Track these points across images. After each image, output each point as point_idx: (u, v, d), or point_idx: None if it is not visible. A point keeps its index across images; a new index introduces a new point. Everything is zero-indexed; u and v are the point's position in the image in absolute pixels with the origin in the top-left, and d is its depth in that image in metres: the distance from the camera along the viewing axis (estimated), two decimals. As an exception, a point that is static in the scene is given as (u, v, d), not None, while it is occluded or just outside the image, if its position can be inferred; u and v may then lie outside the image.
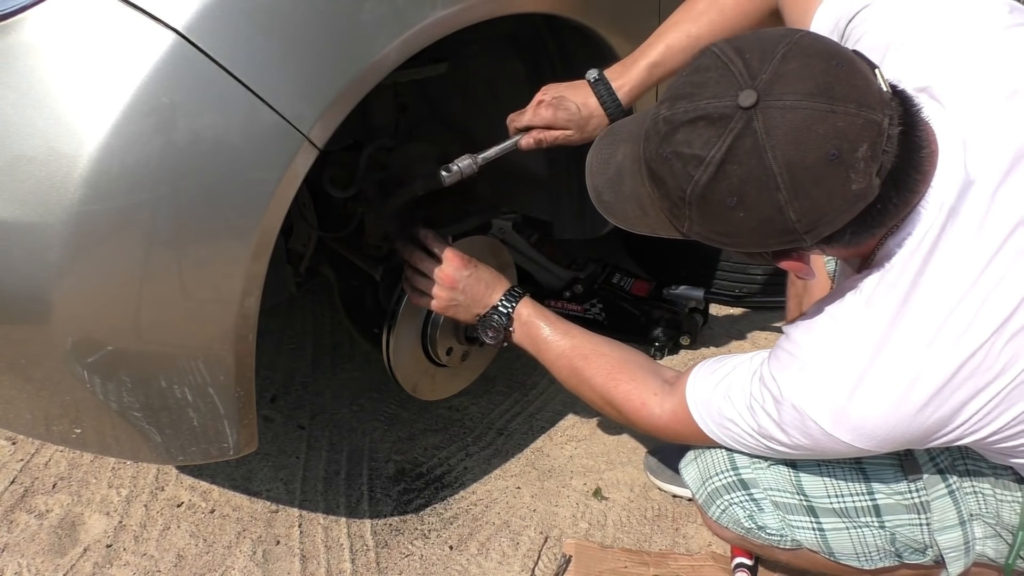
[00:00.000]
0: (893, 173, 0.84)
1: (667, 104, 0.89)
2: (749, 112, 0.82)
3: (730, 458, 1.20)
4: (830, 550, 1.18)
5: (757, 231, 0.87)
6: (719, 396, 1.09)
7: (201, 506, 1.63)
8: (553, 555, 1.54)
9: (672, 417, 1.16)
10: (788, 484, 1.18)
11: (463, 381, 1.65)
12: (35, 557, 1.50)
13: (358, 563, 1.52)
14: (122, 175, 0.90)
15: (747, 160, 0.82)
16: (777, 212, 0.84)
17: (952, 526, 1.13)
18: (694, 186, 0.86)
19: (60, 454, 1.73)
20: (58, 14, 0.90)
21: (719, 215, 0.87)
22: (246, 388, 1.11)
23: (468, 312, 1.34)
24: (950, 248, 0.90)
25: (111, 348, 1.02)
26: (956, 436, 0.95)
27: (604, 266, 2.05)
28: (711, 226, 0.90)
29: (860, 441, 0.96)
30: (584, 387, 1.27)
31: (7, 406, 1.17)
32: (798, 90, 0.81)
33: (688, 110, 0.86)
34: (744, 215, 0.85)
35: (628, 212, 1.01)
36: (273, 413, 1.86)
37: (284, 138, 0.96)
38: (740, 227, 0.87)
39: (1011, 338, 0.89)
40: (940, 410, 0.92)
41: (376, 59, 1.02)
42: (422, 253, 1.34)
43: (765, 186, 0.83)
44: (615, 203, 1.03)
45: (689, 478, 1.25)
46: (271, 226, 1.00)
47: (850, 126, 0.81)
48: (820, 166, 0.81)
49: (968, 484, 1.12)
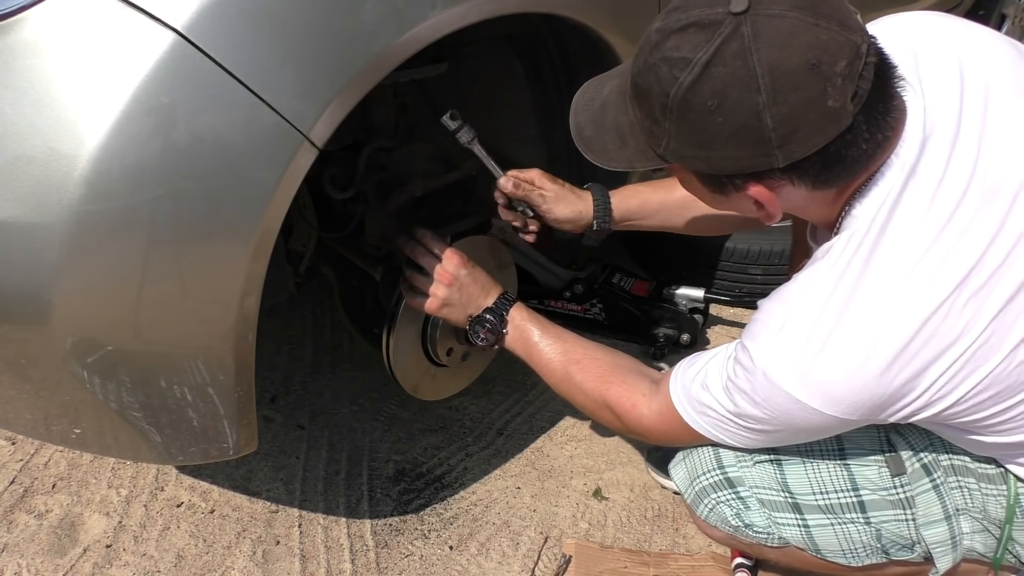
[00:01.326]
0: (867, 105, 0.87)
1: (660, 17, 0.92)
2: (739, 18, 0.85)
3: (716, 457, 1.21)
4: (816, 547, 1.18)
5: (733, 140, 0.88)
6: (698, 384, 1.10)
7: (201, 506, 1.62)
8: (553, 555, 1.54)
9: (659, 415, 1.17)
10: (773, 481, 1.19)
11: (463, 381, 1.65)
12: (35, 557, 1.50)
13: (358, 563, 1.52)
14: (122, 175, 0.90)
15: (732, 61, 0.85)
16: (755, 117, 0.86)
17: (938, 521, 1.14)
18: (678, 88, 0.88)
19: (60, 454, 1.73)
20: (58, 14, 0.90)
21: (698, 122, 0.89)
22: (246, 388, 1.11)
23: (462, 313, 1.34)
24: (909, 208, 0.92)
25: (111, 348, 1.02)
26: (923, 403, 0.96)
27: (604, 266, 2.05)
28: (688, 137, 0.91)
29: (829, 407, 0.97)
30: (576, 391, 1.28)
31: (7, 406, 1.16)
32: (787, 2, 0.85)
33: (680, 19, 0.89)
34: (722, 120, 0.87)
35: (607, 144, 1.03)
36: (273, 413, 1.86)
37: (284, 138, 0.96)
38: (717, 135, 0.89)
39: (970, 298, 0.91)
40: (903, 372, 0.93)
41: (376, 59, 1.02)
42: (422, 250, 1.34)
43: (746, 87, 0.85)
44: (595, 137, 1.05)
45: (678, 478, 1.27)
46: (271, 226, 1.00)
47: (832, 41, 0.84)
48: (800, 72, 0.84)
49: (953, 479, 1.13)
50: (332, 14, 0.97)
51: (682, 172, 1.02)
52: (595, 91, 1.08)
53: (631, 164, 1.01)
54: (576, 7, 1.26)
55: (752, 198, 0.95)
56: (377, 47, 1.01)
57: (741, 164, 0.91)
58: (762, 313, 1.03)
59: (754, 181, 0.93)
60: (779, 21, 0.84)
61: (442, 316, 1.37)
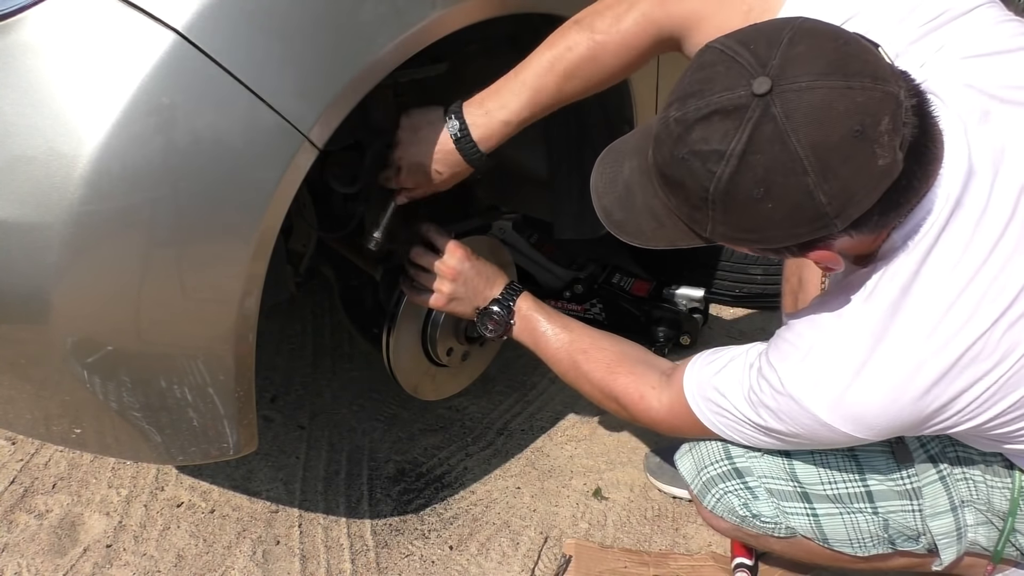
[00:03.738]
0: (914, 146, 0.83)
1: (676, 105, 0.86)
2: (765, 99, 0.79)
3: (724, 448, 1.21)
4: (824, 536, 1.19)
5: (786, 221, 0.84)
6: (716, 387, 1.09)
7: (201, 506, 1.62)
8: (553, 555, 1.54)
9: (670, 410, 1.17)
10: (782, 472, 1.19)
11: (463, 381, 1.65)
12: (35, 557, 1.50)
13: (358, 563, 1.52)
14: (122, 175, 0.90)
15: (770, 147, 0.80)
16: (807, 197, 0.81)
17: (944, 512, 1.14)
18: (716, 183, 0.83)
19: (60, 454, 1.73)
20: (58, 14, 0.90)
21: (745, 210, 0.84)
22: (246, 388, 1.11)
23: (468, 305, 1.34)
24: (952, 239, 0.90)
25: (111, 348, 1.02)
26: (952, 423, 0.96)
27: (604, 266, 2.05)
28: (737, 223, 0.87)
29: (859, 431, 0.97)
30: (583, 381, 1.27)
31: (7, 406, 1.16)
32: (811, 71, 0.79)
33: (700, 107, 0.83)
34: (772, 205, 0.83)
35: (642, 227, 0.98)
36: (273, 413, 1.86)
37: (284, 138, 0.96)
38: (769, 219, 0.84)
39: (1010, 327, 0.90)
40: (939, 399, 0.93)
41: (376, 59, 1.02)
42: (422, 250, 1.34)
43: (792, 171, 0.80)
44: (627, 220, 0.99)
45: (684, 469, 1.26)
46: (271, 226, 1.00)
47: (869, 100, 0.79)
48: (846, 144, 0.79)
49: (959, 471, 1.14)
50: (332, 14, 0.97)
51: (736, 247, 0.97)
52: (613, 170, 1.02)
53: (673, 243, 0.96)
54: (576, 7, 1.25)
55: (812, 259, 0.92)
56: (377, 47, 1.01)
57: (799, 238, 0.87)
58: (791, 333, 1.01)
59: (810, 249, 0.90)
60: (809, 95, 0.79)
61: (449, 311, 1.37)
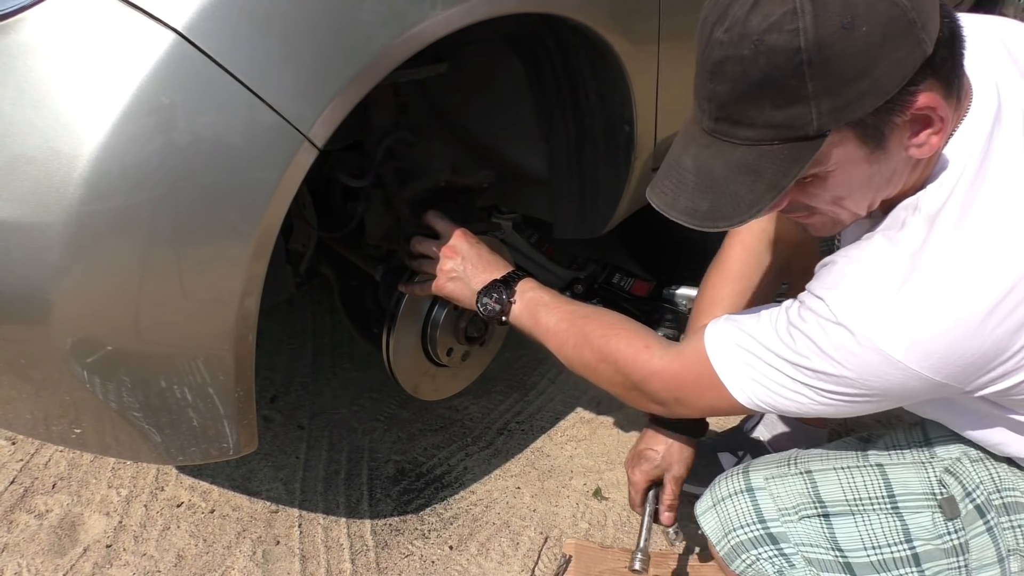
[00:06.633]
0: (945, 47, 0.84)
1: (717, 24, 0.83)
2: None
3: (756, 508, 1.13)
4: None
5: (888, 41, 0.80)
6: (745, 330, 1.01)
7: (201, 506, 1.62)
8: (553, 555, 1.54)
9: (680, 361, 1.08)
10: (821, 538, 1.10)
11: (463, 381, 1.65)
12: (35, 557, 1.50)
13: (358, 563, 1.52)
14: (122, 175, 0.90)
15: None
16: (890, 3, 0.79)
17: (990, 564, 1.06)
18: (804, 36, 0.79)
19: (60, 454, 1.73)
20: (58, 14, 0.90)
21: (845, 50, 0.80)
22: (246, 388, 1.11)
23: (468, 286, 1.30)
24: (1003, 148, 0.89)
25: (111, 348, 1.02)
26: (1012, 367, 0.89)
27: (604, 266, 2.05)
28: (842, 76, 0.81)
29: (916, 361, 0.88)
30: (584, 346, 1.18)
31: (7, 406, 1.16)
32: None
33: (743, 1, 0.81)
34: (867, 28, 0.79)
35: (739, 193, 0.88)
36: (273, 413, 1.86)
37: (284, 138, 0.96)
38: (870, 47, 0.80)
39: None
40: (1002, 324, 0.86)
41: (376, 59, 1.01)
42: (420, 238, 1.35)
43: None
44: (718, 200, 0.89)
45: (708, 527, 1.17)
46: (271, 226, 1.00)
47: None
48: None
49: (1006, 519, 1.06)
50: (332, 14, 0.97)
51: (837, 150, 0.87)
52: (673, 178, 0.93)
53: (779, 185, 0.86)
54: (576, 7, 1.25)
55: (923, 115, 0.86)
56: (377, 47, 1.01)
57: (903, 67, 0.82)
58: (839, 265, 0.94)
59: (917, 93, 0.84)
60: None
61: (448, 293, 1.34)
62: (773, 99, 0.83)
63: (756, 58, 0.81)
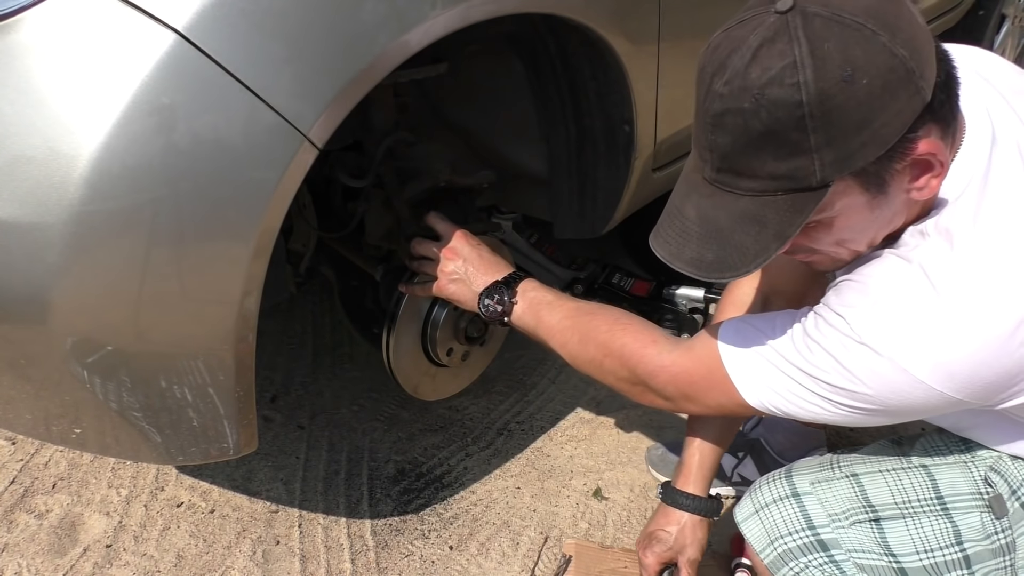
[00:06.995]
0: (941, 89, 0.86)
1: (716, 76, 0.84)
2: (797, 6, 0.81)
3: (804, 515, 1.10)
4: None
5: (887, 92, 0.81)
6: (761, 332, 1.00)
7: (201, 506, 1.62)
8: (553, 555, 1.54)
9: (690, 357, 1.07)
10: (874, 544, 1.08)
11: (464, 381, 1.65)
12: (35, 557, 1.50)
13: (358, 563, 1.52)
14: (122, 175, 0.90)
15: (830, 32, 0.80)
16: (889, 55, 0.80)
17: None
18: (806, 89, 0.80)
19: (60, 454, 1.73)
20: (57, 14, 0.90)
21: (846, 103, 0.80)
22: (246, 388, 1.11)
23: (469, 288, 1.30)
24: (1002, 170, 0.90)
25: (111, 348, 1.02)
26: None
27: (604, 266, 2.05)
28: (844, 127, 0.82)
29: (939, 381, 0.88)
30: (589, 342, 1.17)
31: (7, 406, 1.16)
32: None
33: (743, 55, 0.82)
34: (867, 80, 0.80)
35: (744, 244, 0.88)
36: (273, 413, 1.86)
37: (284, 138, 0.96)
38: (870, 99, 0.81)
39: None
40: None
41: (376, 59, 1.01)
42: (422, 237, 1.35)
43: (864, 38, 0.80)
44: (724, 251, 0.90)
45: (751, 535, 1.13)
46: (271, 226, 1.00)
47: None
48: (890, 4, 0.82)
49: None
50: (332, 14, 0.97)
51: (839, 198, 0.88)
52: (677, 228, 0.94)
53: (782, 233, 0.87)
54: (576, 7, 1.26)
55: (923, 160, 0.86)
56: (377, 47, 1.01)
57: (903, 116, 0.83)
58: (858, 279, 0.94)
59: (917, 140, 0.85)
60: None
61: (450, 295, 1.33)
62: (775, 151, 0.84)
63: (757, 111, 0.82)
